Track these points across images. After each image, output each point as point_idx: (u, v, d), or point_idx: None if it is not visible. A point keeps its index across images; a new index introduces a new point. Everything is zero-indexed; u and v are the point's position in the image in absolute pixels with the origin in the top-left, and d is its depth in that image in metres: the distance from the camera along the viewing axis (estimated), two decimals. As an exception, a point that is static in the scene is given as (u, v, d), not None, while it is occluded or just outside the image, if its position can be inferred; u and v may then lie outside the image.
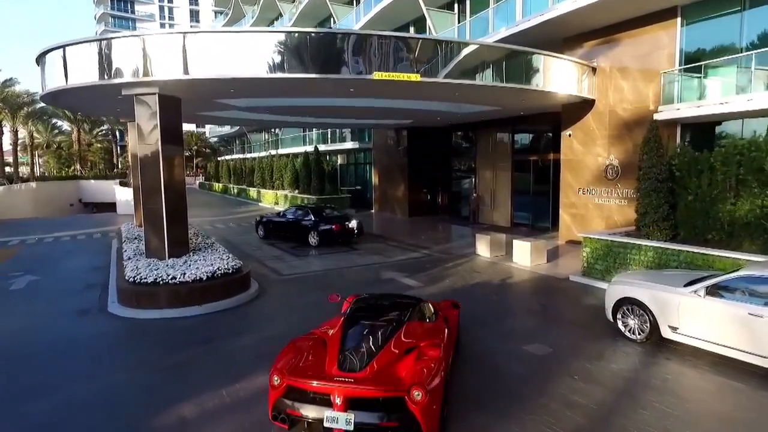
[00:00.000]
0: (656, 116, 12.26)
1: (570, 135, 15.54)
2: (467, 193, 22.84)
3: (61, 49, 10.45)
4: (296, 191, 29.53)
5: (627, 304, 7.41)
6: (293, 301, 10.02)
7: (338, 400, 4.28)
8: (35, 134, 50.82)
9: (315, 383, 4.41)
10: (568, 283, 10.90)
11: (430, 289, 10.36)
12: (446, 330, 5.72)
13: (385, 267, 12.87)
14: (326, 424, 4.28)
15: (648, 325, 7.10)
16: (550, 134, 18.03)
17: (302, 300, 10.02)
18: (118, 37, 10.24)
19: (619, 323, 7.53)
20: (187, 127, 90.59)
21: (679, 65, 12.44)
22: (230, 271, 9.87)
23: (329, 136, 32.42)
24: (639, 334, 7.25)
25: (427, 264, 13.10)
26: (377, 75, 10.33)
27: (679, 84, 12.38)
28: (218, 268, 9.71)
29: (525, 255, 12.58)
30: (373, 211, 27.67)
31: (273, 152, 38.62)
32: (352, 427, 4.21)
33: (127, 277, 9.51)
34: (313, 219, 16.41)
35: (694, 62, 12.05)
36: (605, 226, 14.24)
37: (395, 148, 25.27)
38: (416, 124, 22.23)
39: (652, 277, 7.67)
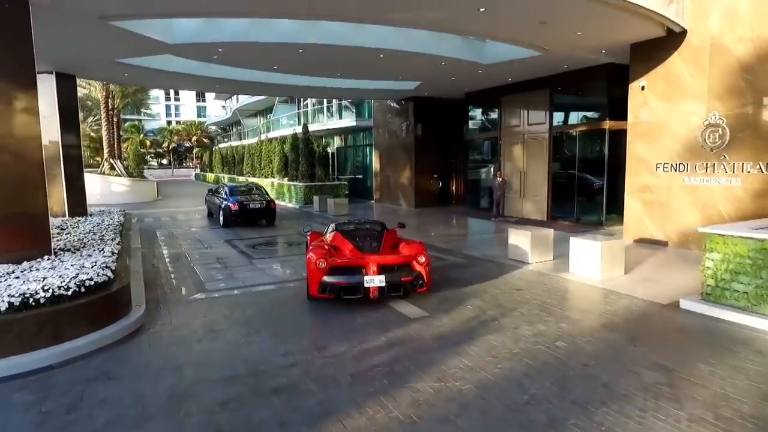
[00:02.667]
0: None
1: (644, 88, 10.79)
2: (489, 180, 18.09)
3: None
4: (285, 179, 25.18)
5: None
6: (189, 349, 5.52)
7: (373, 268, 6.38)
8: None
9: (354, 259, 6.60)
10: (681, 315, 6.23)
11: (450, 335, 5.84)
12: None
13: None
14: (366, 285, 6.31)
15: None
16: (605, 95, 13.23)
17: (208, 346, 5.52)
18: None
19: None
20: (189, 116, 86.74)
21: None
22: (70, 292, 5.39)
23: (325, 113, 27.91)
24: None
25: (436, 276, 7.73)
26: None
27: None
28: (44, 287, 5.26)
29: (591, 262, 7.93)
30: (373, 201, 23.14)
31: (263, 137, 34.20)
32: (384, 284, 6.33)
33: None
34: (222, 197, 15.44)
35: None
36: (702, 219, 9.54)
37: (399, 126, 20.64)
38: (425, 91, 17.59)
39: None
